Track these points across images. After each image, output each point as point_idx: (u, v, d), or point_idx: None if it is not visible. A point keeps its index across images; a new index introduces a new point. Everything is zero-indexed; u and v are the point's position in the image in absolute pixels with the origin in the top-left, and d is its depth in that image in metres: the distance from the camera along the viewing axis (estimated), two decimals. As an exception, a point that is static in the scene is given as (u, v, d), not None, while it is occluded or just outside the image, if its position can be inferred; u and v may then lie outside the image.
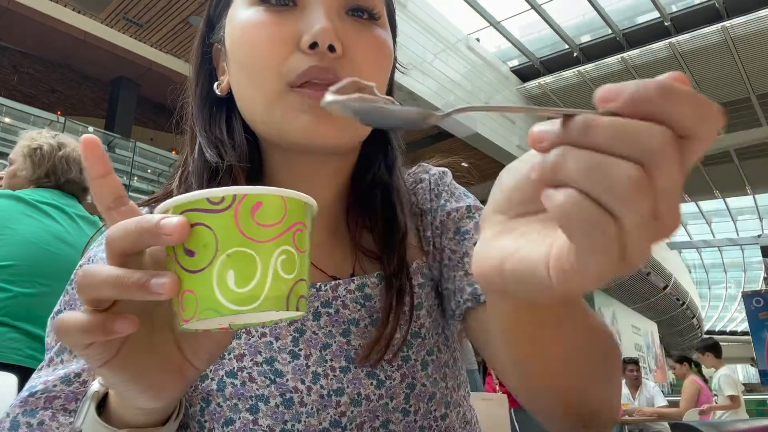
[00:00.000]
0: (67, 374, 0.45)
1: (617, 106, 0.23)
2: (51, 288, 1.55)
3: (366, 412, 0.51)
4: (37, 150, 1.75)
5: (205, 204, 0.29)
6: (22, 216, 1.59)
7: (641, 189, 0.21)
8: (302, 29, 0.48)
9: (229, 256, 0.29)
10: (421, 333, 0.56)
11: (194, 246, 0.29)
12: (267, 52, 0.48)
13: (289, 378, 0.50)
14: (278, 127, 0.49)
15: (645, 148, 0.22)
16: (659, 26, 8.88)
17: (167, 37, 9.13)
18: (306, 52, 0.47)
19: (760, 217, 14.95)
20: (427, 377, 0.54)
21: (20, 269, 1.52)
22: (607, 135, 0.22)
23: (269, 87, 0.48)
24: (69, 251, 1.63)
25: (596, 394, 0.44)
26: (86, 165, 0.33)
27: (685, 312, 18.30)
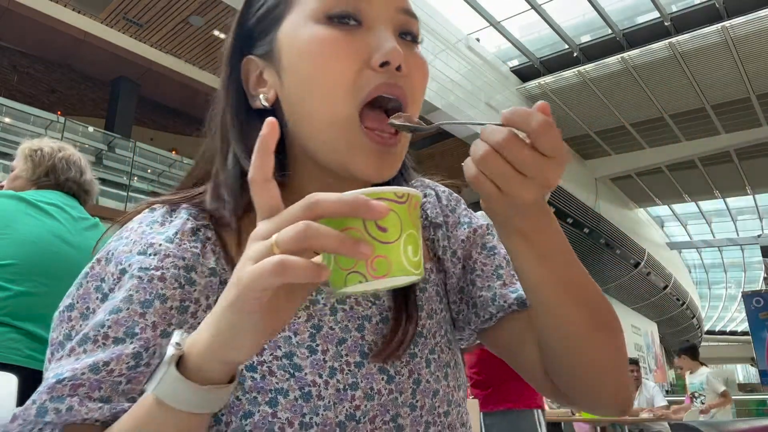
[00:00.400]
0: (96, 362, 0.45)
1: (503, 120, 0.43)
2: (52, 287, 1.55)
3: (378, 406, 0.54)
4: (38, 151, 1.76)
5: (393, 196, 0.40)
6: (23, 215, 1.59)
7: (499, 160, 0.43)
8: (372, 48, 0.51)
9: (408, 235, 0.40)
10: (423, 332, 0.60)
11: (386, 224, 0.39)
12: (339, 68, 0.51)
13: (307, 372, 0.52)
14: (341, 155, 0.52)
15: (500, 139, 0.42)
16: (659, 26, 8.88)
17: (167, 37, 9.14)
18: (376, 69, 0.51)
19: (760, 217, 14.95)
20: (431, 374, 0.58)
21: (21, 268, 1.52)
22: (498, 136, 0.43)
23: (340, 105, 0.51)
24: (70, 251, 1.63)
25: (598, 353, 0.54)
26: (261, 138, 0.39)
27: (685, 312, 18.31)
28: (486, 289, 0.64)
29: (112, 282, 0.50)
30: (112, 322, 0.47)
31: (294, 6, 0.55)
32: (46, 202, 1.67)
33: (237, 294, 0.37)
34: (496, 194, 0.44)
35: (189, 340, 0.41)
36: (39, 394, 0.45)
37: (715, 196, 13.85)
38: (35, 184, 1.75)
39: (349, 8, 0.52)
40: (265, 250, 0.36)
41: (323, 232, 0.36)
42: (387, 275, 0.39)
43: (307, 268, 0.35)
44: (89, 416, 0.45)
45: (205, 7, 8.18)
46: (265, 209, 0.39)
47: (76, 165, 1.79)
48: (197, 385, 0.40)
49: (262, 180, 0.39)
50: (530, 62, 10.08)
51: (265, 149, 0.39)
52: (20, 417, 0.45)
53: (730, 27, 8.38)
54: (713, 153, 11.48)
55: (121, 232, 0.54)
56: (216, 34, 8.90)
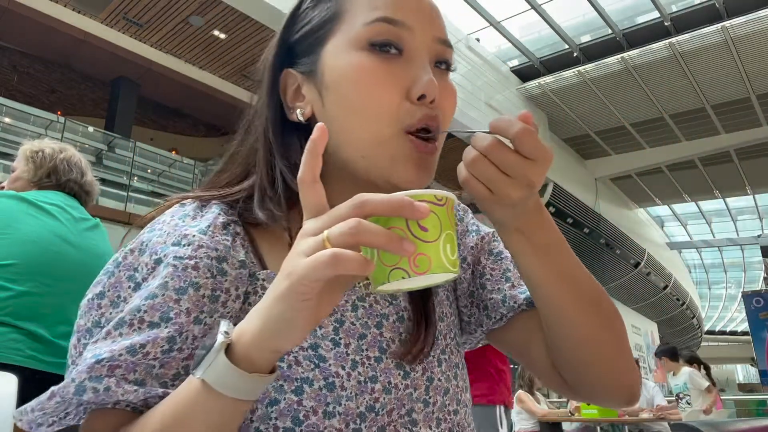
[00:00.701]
0: (133, 345, 0.47)
1: (490, 128, 0.47)
2: (53, 288, 1.56)
3: (395, 400, 0.56)
4: (39, 152, 1.77)
5: (433, 199, 0.43)
6: (25, 216, 1.59)
7: (486, 164, 0.47)
8: (410, 79, 0.55)
9: (446, 235, 0.43)
10: (435, 334, 0.64)
11: (427, 224, 0.42)
12: (381, 97, 0.54)
13: (331, 363, 0.54)
14: (384, 166, 0.55)
15: (486, 144, 0.47)
16: (659, 26, 8.89)
17: (167, 37, 9.14)
18: (413, 102, 0.54)
19: (760, 217, 14.96)
20: (442, 373, 0.62)
21: (22, 268, 1.52)
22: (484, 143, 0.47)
23: (384, 129, 0.55)
24: (71, 251, 1.64)
25: (603, 348, 0.58)
26: (312, 141, 0.42)
27: (685, 312, 18.31)
28: (496, 292, 0.68)
29: (145, 272, 0.52)
30: (148, 307, 0.49)
31: (338, 30, 0.57)
32: (48, 203, 1.67)
33: (289, 285, 0.39)
34: (486, 195, 0.49)
35: (236, 329, 0.43)
36: (78, 373, 0.46)
37: (715, 196, 13.86)
38: (36, 185, 1.75)
39: (392, 37, 0.55)
40: (316, 245, 0.39)
41: (373, 229, 0.38)
42: (428, 272, 0.42)
43: (358, 261, 0.38)
44: (124, 398, 0.46)
45: (205, 7, 8.17)
46: (312, 208, 0.42)
47: (77, 166, 1.80)
48: (245, 373, 0.42)
49: (311, 180, 0.43)
50: (530, 62, 10.08)
51: (315, 152, 0.42)
52: (58, 394, 0.46)
53: (730, 27, 8.39)
54: (713, 153, 11.49)
55: (153, 225, 0.56)
56: (216, 34, 8.90)
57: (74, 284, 1.61)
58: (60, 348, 1.52)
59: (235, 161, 0.64)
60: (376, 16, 0.55)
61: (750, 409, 9.60)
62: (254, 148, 0.62)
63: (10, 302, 1.47)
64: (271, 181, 0.59)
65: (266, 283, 0.55)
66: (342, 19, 0.57)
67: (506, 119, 0.46)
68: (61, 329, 1.54)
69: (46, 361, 1.47)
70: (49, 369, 1.47)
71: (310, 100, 0.59)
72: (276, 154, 0.60)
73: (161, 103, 11.53)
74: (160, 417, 0.44)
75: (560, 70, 9.94)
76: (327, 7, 0.59)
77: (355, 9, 0.57)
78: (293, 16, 0.62)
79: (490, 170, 0.47)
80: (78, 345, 0.52)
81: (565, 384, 0.63)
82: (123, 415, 0.48)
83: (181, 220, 0.56)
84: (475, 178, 0.48)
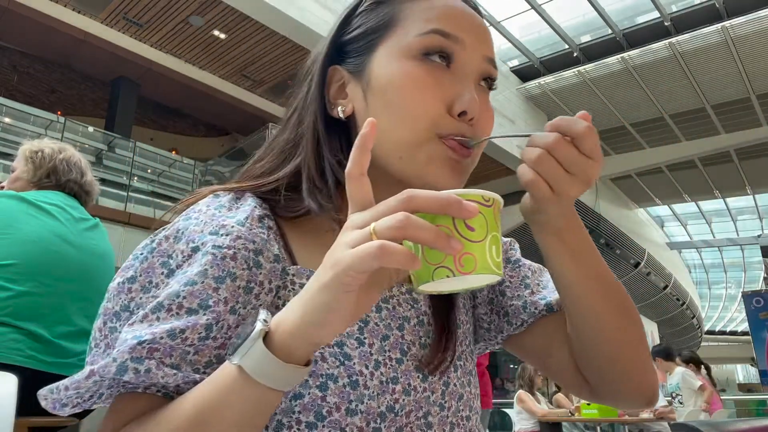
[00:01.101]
0: (173, 329, 0.47)
1: (550, 128, 0.50)
2: (53, 288, 1.56)
3: (413, 402, 0.57)
4: (38, 152, 1.77)
5: (481, 199, 0.43)
6: (24, 216, 1.59)
7: (551, 161, 0.49)
8: (455, 95, 0.56)
9: (492, 236, 0.43)
10: None
11: (474, 224, 0.42)
12: (425, 108, 0.56)
13: (355, 362, 0.55)
14: (419, 167, 0.56)
15: (551, 141, 0.49)
16: (659, 26, 8.89)
17: (167, 37, 9.14)
18: (454, 116, 0.56)
19: (760, 217, 14.96)
20: (457, 379, 0.63)
21: (22, 268, 1.52)
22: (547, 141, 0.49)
23: (420, 133, 0.56)
24: (71, 251, 1.64)
25: (628, 352, 0.60)
26: (362, 136, 0.43)
27: (685, 312, 18.31)
28: (516, 299, 0.70)
29: (180, 259, 0.52)
30: (187, 293, 0.49)
31: (391, 36, 0.60)
32: (48, 203, 1.67)
33: (334, 275, 0.39)
34: (548, 194, 0.50)
35: (275, 318, 0.44)
36: (120, 353, 0.46)
37: (715, 196, 13.86)
38: (36, 185, 1.75)
39: (446, 49, 0.57)
40: (362, 237, 0.39)
41: (421, 224, 0.38)
42: (473, 272, 0.41)
43: (404, 255, 0.37)
44: (163, 381, 0.46)
45: (205, 7, 8.17)
46: (359, 202, 0.43)
47: (76, 166, 1.80)
48: (282, 362, 0.42)
49: (359, 174, 0.43)
50: (530, 62, 10.08)
51: (364, 147, 0.43)
52: (97, 373, 0.46)
53: (730, 27, 8.39)
54: (713, 153, 11.49)
55: (189, 213, 0.56)
56: (216, 34, 8.90)
57: (74, 284, 1.61)
58: (60, 348, 1.52)
59: (274, 150, 0.65)
60: (430, 27, 0.57)
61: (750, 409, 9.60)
62: (296, 139, 0.63)
63: (10, 302, 1.47)
64: (319, 172, 0.60)
65: (296, 278, 0.56)
66: (396, 26, 0.60)
67: (568, 118, 0.49)
68: (61, 329, 1.54)
69: (46, 361, 1.47)
70: (49, 369, 1.47)
71: (353, 99, 0.61)
72: (324, 147, 0.61)
73: (161, 103, 11.52)
74: (193, 402, 0.45)
75: (560, 70, 9.94)
76: (384, 13, 0.61)
77: (411, 19, 0.59)
78: (349, 16, 0.64)
79: (554, 167, 0.48)
80: (103, 328, 0.52)
81: (587, 385, 0.65)
82: (153, 399, 0.48)
83: (218, 211, 0.56)
84: (540, 177, 0.49)
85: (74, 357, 1.55)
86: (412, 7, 0.60)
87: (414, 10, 0.59)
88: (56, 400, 0.49)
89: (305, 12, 7.48)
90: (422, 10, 0.59)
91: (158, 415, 0.46)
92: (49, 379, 1.68)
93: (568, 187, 0.49)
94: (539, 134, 0.49)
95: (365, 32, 0.62)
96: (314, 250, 0.59)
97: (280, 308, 0.53)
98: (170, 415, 0.45)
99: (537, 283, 0.71)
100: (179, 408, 0.45)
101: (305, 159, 0.61)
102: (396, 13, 0.60)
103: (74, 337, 1.57)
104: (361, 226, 0.40)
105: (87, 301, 1.63)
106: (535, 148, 0.49)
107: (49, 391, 0.49)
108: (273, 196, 0.60)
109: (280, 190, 0.60)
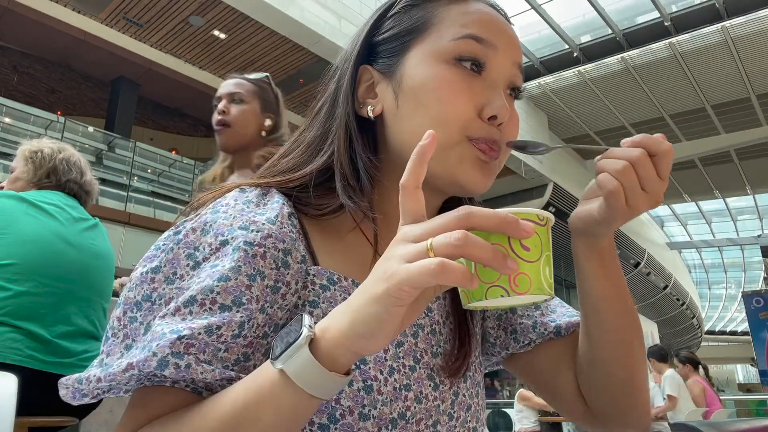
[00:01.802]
0: (210, 325, 0.46)
1: (634, 144, 0.52)
2: (52, 288, 1.56)
3: (424, 410, 0.58)
4: (38, 152, 1.77)
5: (536, 218, 0.43)
6: (24, 215, 1.59)
7: (634, 174, 0.51)
8: (486, 100, 0.58)
9: (546, 257, 0.43)
10: None
11: (529, 244, 0.41)
12: (457, 111, 0.57)
13: (371, 366, 0.55)
14: (450, 166, 0.58)
15: (636, 155, 0.51)
16: (659, 26, 8.89)
17: (167, 37, 9.14)
18: (484, 120, 0.57)
19: (760, 217, 14.96)
20: (467, 389, 0.63)
21: (21, 268, 1.52)
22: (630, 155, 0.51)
23: (451, 136, 0.57)
24: (71, 251, 1.64)
25: (636, 380, 0.62)
26: (421, 147, 0.43)
27: (685, 312, 18.31)
28: (526, 317, 0.70)
29: (207, 251, 0.51)
30: (221, 289, 0.48)
31: (425, 39, 0.60)
32: (47, 203, 1.67)
33: (387, 288, 0.39)
34: (623, 206, 0.51)
35: (319, 326, 0.43)
36: (160, 348, 0.45)
37: (715, 196, 13.86)
38: (36, 185, 1.75)
39: (479, 54, 0.58)
40: (419, 252, 0.39)
41: (479, 243, 0.38)
42: (527, 292, 0.41)
43: (463, 274, 0.37)
44: (202, 377, 0.46)
45: (205, 7, 8.17)
46: (411, 214, 0.43)
47: (76, 166, 1.80)
48: (325, 370, 0.41)
49: (414, 187, 0.43)
50: (530, 62, 10.07)
51: (422, 158, 0.43)
52: (136, 367, 0.45)
53: (730, 27, 8.39)
54: (713, 153, 11.49)
55: (216, 207, 0.55)
56: (216, 34, 8.90)
57: (73, 284, 1.61)
58: (59, 347, 1.52)
59: (300, 146, 0.64)
60: (465, 32, 0.58)
61: (750, 409, 9.59)
62: (324, 136, 0.63)
63: (9, 302, 1.47)
64: (352, 170, 0.61)
65: (316, 279, 0.55)
66: (430, 30, 0.60)
67: (651, 137, 0.51)
68: (60, 329, 1.54)
69: (45, 360, 1.47)
70: (48, 369, 1.47)
71: (382, 99, 0.62)
72: (357, 145, 0.61)
73: (161, 103, 11.53)
74: (231, 402, 0.44)
75: (560, 70, 9.93)
76: (418, 16, 0.62)
77: (445, 23, 0.60)
78: (382, 17, 0.64)
79: (635, 181, 0.50)
80: (123, 318, 0.51)
81: (588, 411, 0.66)
82: (181, 394, 0.48)
83: (246, 206, 0.55)
84: (622, 188, 0.50)
85: (74, 357, 1.55)
86: (446, 11, 0.60)
87: (448, 14, 0.60)
88: (78, 390, 0.48)
89: (305, 12, 7.48)
90: (457, 14, 0.60)
91: (193, 412, 0.45)
92: (48, 379, 1.68)
93: (641, 203, 0.51)
94: (620, 149, 0.52)
95: (398, 34, 0.62)
96: (334, 251, 0.59)
97: (300, 308, 0.53)
98: (206, 413, 0.45)
99: (546, 306, 0.72)
100: (216, 406, 0.44)
101: (338, 157, 0.61)
102: (430, 17, 0.61)
103: (73, 336, 1.57)
104: (415, 239, 0.40)
105: (86, 301, 1.64)
106: (619, 160, 0.50)
107: (77, 381, 0.47)
108: (299, 193, 0.60)
109: (309, 187, 0.60)
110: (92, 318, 1.65)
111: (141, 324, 0.50)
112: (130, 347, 0.49)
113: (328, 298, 0.55)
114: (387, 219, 0.62)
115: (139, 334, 0.50)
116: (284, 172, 0.62)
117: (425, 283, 0.37)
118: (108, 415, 1.97)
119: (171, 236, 0.54)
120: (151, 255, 0.54)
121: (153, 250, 0.54)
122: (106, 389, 0.47)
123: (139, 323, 0.50)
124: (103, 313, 1.71)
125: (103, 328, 1.71)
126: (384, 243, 0.62)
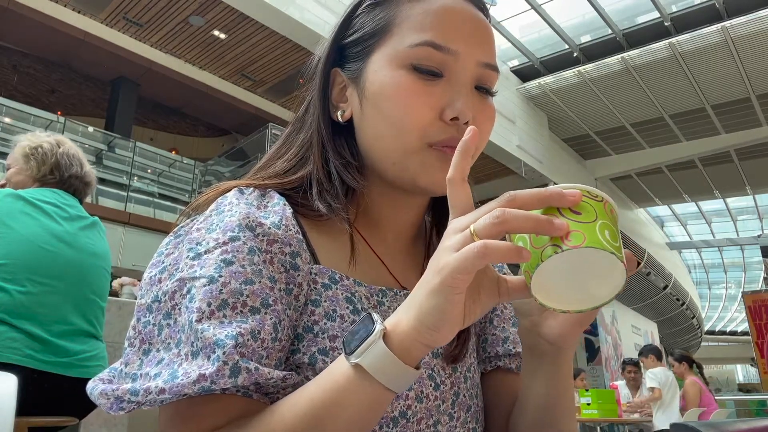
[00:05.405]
0: (254, 329, 0.46)
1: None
2: (49, 287, 1.55)
3: (424, 409, 0.57)
4: (38, 148, 1.76)
5: (586, 192, 0.42)
6: (21, 214, 1.59)
7: None
8: (446, 102, 0.56)
9: (603, 223, 0.41)
10: None
11: (580, 209, 0.41)
12: (415, 117, 0.56)
13: None
14: (413, 173, 0.57)
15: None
16: (659, 26, 8.88)
17: (167, 37, 9.14)
18: (447, 122, 0.56)
19: (760, 217, 14.95)
20: (467, 390, 0.63)
21: (18, 268, 1.52)
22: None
23: (410, 142, 0.57)
24: (68, 250, 1.63)
25: None
26: (464, 142, 0.44)
27: (685, 312, 18.30)
28: (501, 330, 0.71)
29: (212, 245, 0.51)
30: (249, 291, 0.48)
31: (386, 43, 0.59)
32: (45, 201, 1.67)
33: (441, 280, 0.40)
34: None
35: (388, 322, 0.44)
36: (229, 354, 0.44)
37: (715, 196, 13.85)
38: (40, 182, 1.75)
39: (435, 64, 0.56)
40: (464, 239, 0.40)
41: (518, 214, 0.39)
42: (582, 244, 0.39)
43: (508, 248, 0.38)
44: (271, 376, 0.46)
45: (205, 7, 8.17)
46: (459, 207, 0.44)
47: (75, 158, 1.80)
48: (401, 362, 0.42)
49: (460, 180, 0.44)
50: (530, 62, 10.07)
51: (466, 152, 0.44)
52: (209, 378, 0.43)
53: (730, 27, 8.38)
54: (713, 153, 11.48)
55: (219, 207, 0.55)
56: (216, 34, 8.90)
57: (70, 283, 1.61)
58: (58, 347, 1.51)
59: (292, 149, 0.65)
60: (423, 39, 0.56)
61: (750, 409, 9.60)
62: (310, 140, 0.63)
63: (7, 302, 1.47)
64: (326, 174, 0.61)
65: (318, 278, 0.55)
66: (391, 32, 0.59)
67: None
68: (58, 328, 1.54)
69: (44, 360, 1.47)
70: (48, 368, 1.47)
71: (351, 104, 0.62)
72: (329, 149, 0.62)
73: (161, 103, 11.52)
74: (307, 401, 0.44)
75: (560, 70, 9.93)
76: (380, 17, 0.60)
77: (406, 25, 0.58)
78: (348, 18, 0.64)
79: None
80: (137, 325, 0.50)
81: None
82: (235, 399, 0.46)
83: (248, 207, 0.55)
84: None
85: (72, 356, 1.54)
86: (409, 9, 0.58)
87: (411, 13, 0.58)
88: (129, 402, 0.45)
89: (305, 12, 7.48)
90: (418, 14, 0.58)
91: (266, 415, 0.45)
92: (48, 379, 1.68)
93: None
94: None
95: (362, 37, 0.61)
96: (332, 249, 0.59)
97: (304, 308, 0.53)
98: (283, 414, 0.44)
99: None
100: (292, 407, 0.44)
101: (314, 162, 0.61)
102: (392, 17, 0.59)
103: (72, 336, 1.57)
104: (461, 229, 0.41)
105: (83, 299, 1.63)
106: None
107: (132, 394, 0.44)
108: (296, 194, 0.60)
109: (306, 189, 0.60)
110: (90, 317, 1.64)
111: (154, 326, 0.49)
112: (148, 351, 0.48)
113: (330, 297, 0.55)
114: (369, 220, 0.63)
115: (153, 335, 0.49)
116: (281, 175, 0.62)
117: (475, 266, 0.38)
118: (108, 415, 1.97)
119: (172, 240, 0.55)
120: (156, 261, 0.54)
121: (157, 257, 0.54)
122: (153, 402, 0.45)
123: (152, 325, 0.50)
124: (101, 312, 1.70)
125: (101, 326, 1.70)
126: (373, 243, 0.63)
